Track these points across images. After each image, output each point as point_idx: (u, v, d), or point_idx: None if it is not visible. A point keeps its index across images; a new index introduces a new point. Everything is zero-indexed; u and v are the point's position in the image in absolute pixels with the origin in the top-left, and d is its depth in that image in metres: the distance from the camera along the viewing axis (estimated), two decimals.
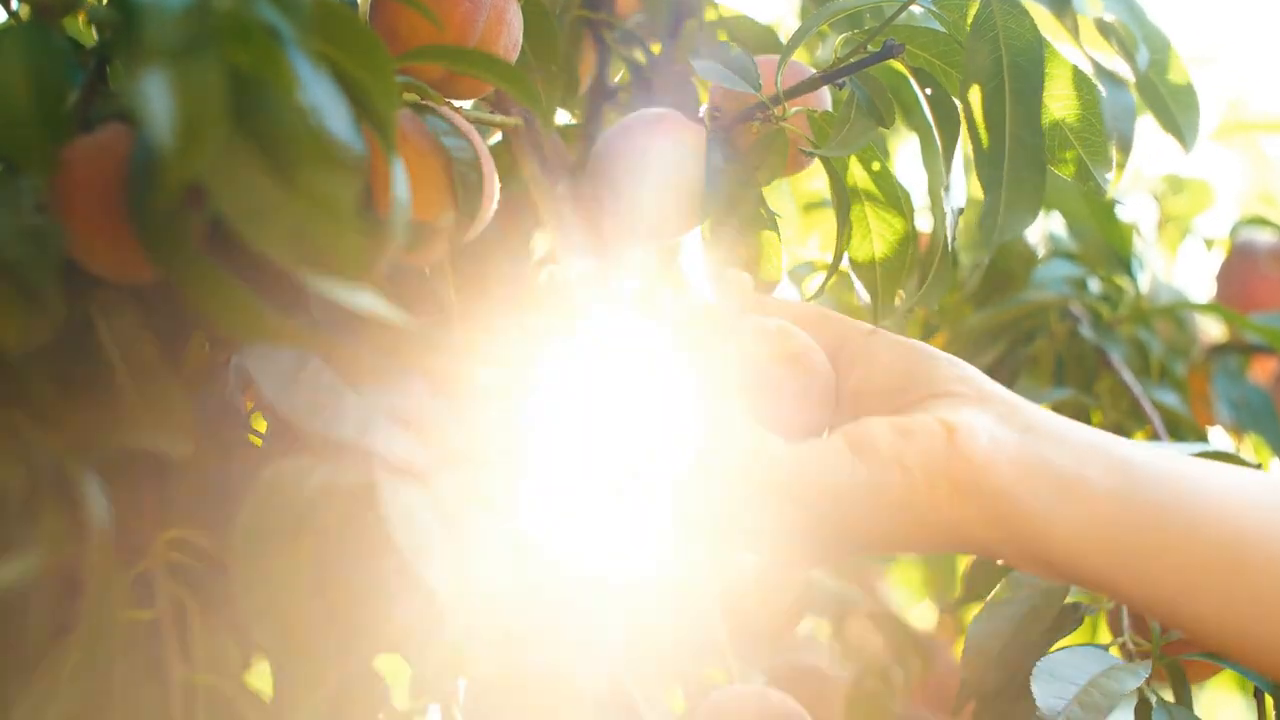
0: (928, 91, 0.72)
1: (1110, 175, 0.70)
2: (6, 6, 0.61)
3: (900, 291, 0.76)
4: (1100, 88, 0.70)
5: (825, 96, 0.79)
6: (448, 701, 0.76)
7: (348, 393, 0.54)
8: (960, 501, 0.58)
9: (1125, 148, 0.72)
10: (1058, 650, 0.72)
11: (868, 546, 0.62)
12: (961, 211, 0.75)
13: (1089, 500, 0.57)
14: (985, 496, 0.58)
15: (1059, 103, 0.71)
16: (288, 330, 0.48)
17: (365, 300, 0.48)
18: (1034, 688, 0.67)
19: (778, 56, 0.75)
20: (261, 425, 0.70)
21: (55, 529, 0.51)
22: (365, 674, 0.57)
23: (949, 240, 0.72)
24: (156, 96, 0.44)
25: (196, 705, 0.56)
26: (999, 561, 0.62)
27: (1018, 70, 0.67)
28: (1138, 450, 0.59)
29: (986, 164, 0.67)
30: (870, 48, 0.71)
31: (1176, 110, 0.77)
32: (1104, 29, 0.73)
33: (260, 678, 0.67)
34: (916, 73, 0.73)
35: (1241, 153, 1.61)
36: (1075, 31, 0.68)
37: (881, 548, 0.63)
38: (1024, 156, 0.67)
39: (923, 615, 1.51)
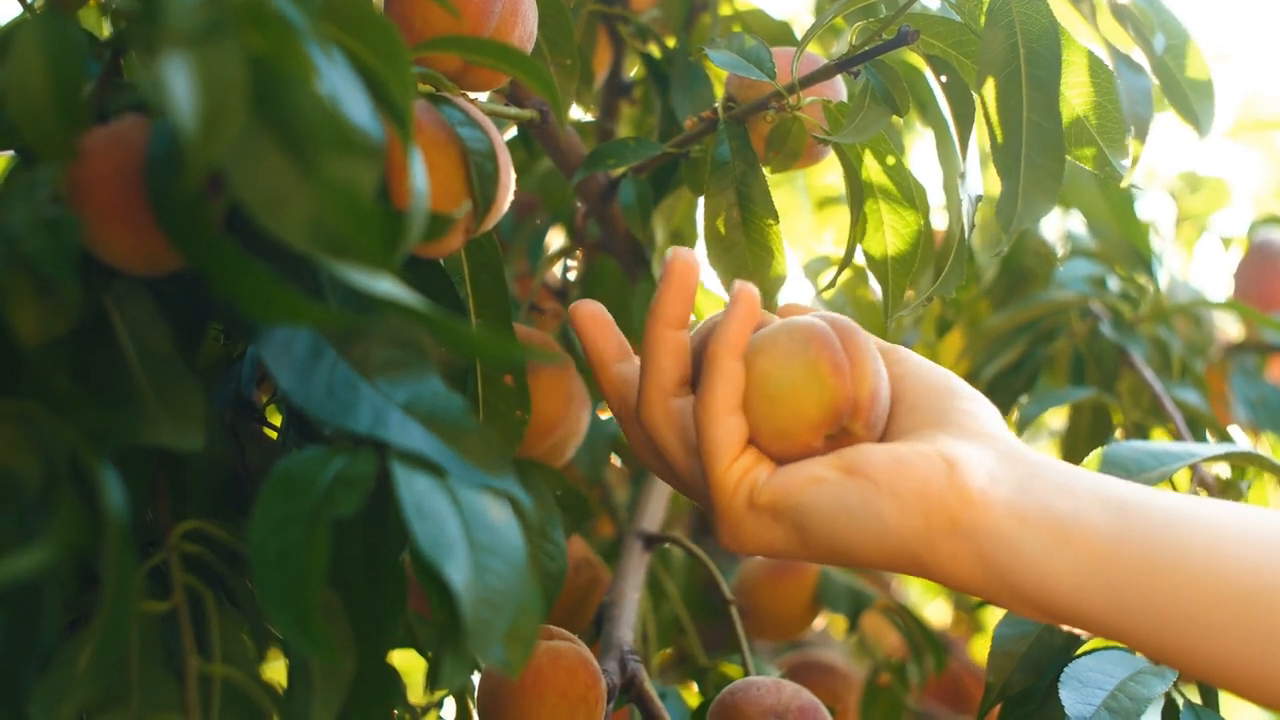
0: (943, 79, 0.71)
1: (1126, 163, 0.69)
2: None
3: (911, 288, 0.76)
4: (1117, 74, 0.69)
5: (842, 93, 0.79)
6: (463, 694, 0.76)
7: (363, 383, 0.54)
8: (955, 539, 0.57)
9: (1142, 134, 0.71)
10: (1085, 654, 0.71)
11: (852, 563, 0.60)
12: (979, 200, 0.74)
13: (1086, 545, 0.55)
14: (981, 539, 0.57)
15: (1076, 91, 0.70)
16: (312, 311, 0.48)
17: (383, 288, 0.47)
18: (1062, 694, 0.66)
19: (793, 49, 0.75)
20: (276, 417, 0.70)
21: (72, 520, 0.51)
22: (380, 667, 0.56)
23: (965, 230, 0.72)
24: (178, 82, 0.44)
25: (213, 697, 0.56)
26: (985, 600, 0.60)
27: (1034, 56, 0.66)
28: (1133, 490, 0.57)
29: (1003, 152, 0.67)
30: (885, 36, 0.71)
31: (1193, 97, 0.75)
32: (1119, 14, 0.72)
33: (276, 670, 0.67)
34: (931, 61, 0.72)
35: (1257, 150, 1.60)
36: (1092, 16, 0.68)
37: (866, 565, 0.61)
38: (1042, 143, 0.66)
39: (938, 612, 1.51)
